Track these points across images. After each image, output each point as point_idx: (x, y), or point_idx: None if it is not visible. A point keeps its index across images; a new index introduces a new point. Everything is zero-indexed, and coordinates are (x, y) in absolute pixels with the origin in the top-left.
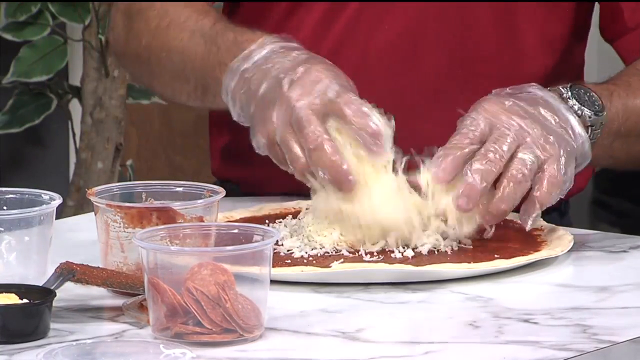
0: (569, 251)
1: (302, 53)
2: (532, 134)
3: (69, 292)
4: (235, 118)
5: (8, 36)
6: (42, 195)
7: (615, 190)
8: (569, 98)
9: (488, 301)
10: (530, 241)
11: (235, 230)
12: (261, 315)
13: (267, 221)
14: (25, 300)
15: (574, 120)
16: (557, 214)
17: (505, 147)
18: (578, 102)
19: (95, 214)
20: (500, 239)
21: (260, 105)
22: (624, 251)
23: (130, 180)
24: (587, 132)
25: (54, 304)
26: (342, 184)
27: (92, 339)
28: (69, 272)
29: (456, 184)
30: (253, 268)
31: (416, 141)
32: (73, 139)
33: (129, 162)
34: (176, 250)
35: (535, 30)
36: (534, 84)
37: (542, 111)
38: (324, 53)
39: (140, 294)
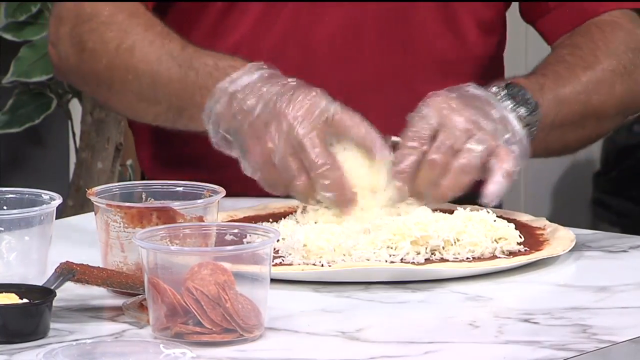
0: (569, 251)
1: (292, 79)
2: (483, 128)
3: (69, 292)
4: (214, 141)
5: (8, 36)
6: (42, 195)
7: (615, 190)
8: (503, 99)
9: (488, 301)
10: (532, 240)
11: (236, 230)
12: (261, 315)
13: (270, 220)
14: (25, 300)
15: (512, 118)
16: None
17: (453, 141)
18: (513, 101)
19: (95, 214)
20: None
21: (255, 125)
22: (624, 251)
23: (130, 180)
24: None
25: (54, 303)
26: (347, 205)
27: (92, 339)
28: (69, 272)
29: None
30: (253, 268)
31: None
32: (73, 138)
33: (129, 162)
34: (176, 250)
35: (473, 16)
36: (470, 83)
37: (485, 108)
38: (265, 51)
39: (140, 294)
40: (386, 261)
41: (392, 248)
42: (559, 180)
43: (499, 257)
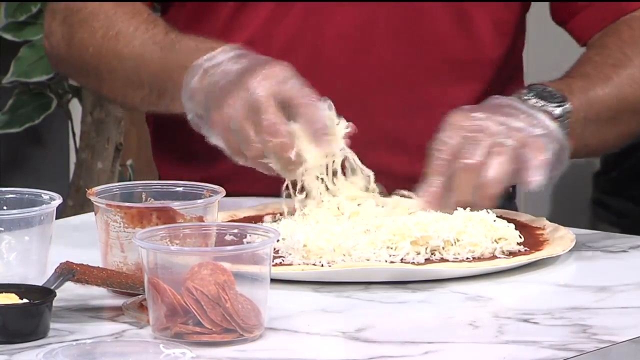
0: (569, 251)
1: (265, 57)
2: (511, 127)
3: (69, 292)
4: (190, 118)
5: (8, 36)
6: (42, 195)
7: (615, 190)
8: (529, 98)
9: (488, 301)
10: (532, 241)
11: (236, 230)
12: (261, 315)
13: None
14: (25, 300)
15: (541, 116)
16: (506, 198)
17: (484, 142)
18: (540, 99)
19: (96, 214)
20: None
21: (218, 93)
22: (624, 251)
23: (130, 180)
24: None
25: (54, 303)
26: (288, 167)
27: (92, 339)
28: (69, 272)
29: None
30: (253, 268)
31: (372, 131)
32: (73, 138)
33: (129, 162)
34: (176, 250)
35: (487, 16)
36: (495, 95)
37: (511, 112)
38: (276, 49)
39: (140, 294)
40: (386, 261)
41: (392, 248)
42: (558, 180)
43: (499, 258)
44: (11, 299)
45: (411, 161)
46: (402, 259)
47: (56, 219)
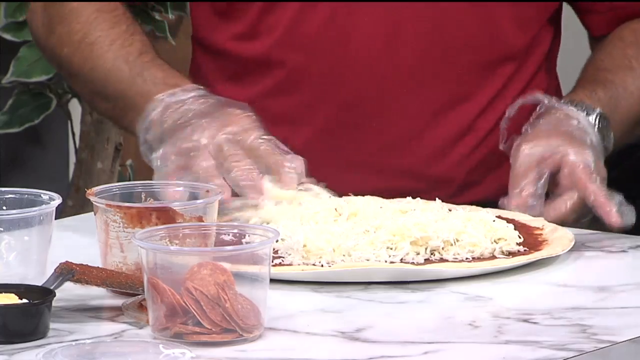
0: (569, 251)
1: (224, 99)
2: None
3: (68, 292)
4: (141, 143)
5: (8, 36)
6: (42, 195)
7: (615, 190)
8: (597, 128)
9: (488, 301)
10: (531, 240)
11: (235, 230)
12: (261, 315)
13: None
14: (24, 300)
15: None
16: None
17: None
18: (600, 132)
19: (95, 214)
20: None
21: (178, 128)
22: (624, 251)
23: (130, 180)
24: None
25: (54, 304)
26: (253, 190)
27: (91, 339)
28: (68, 272)
29: None
30: (252, 268)
31: (396, 132)
32: (73, 138)
33: (128, 162)
34: (176, 250)
35: (510, 12)
36: (539, 94)
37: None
38: (302, 48)
39: (140, 294)
40: (386, 261)
41: (391, 249)
42: None
43: (499, 258)
44: (11, 299)
45: (434, 162)
46: (401, 259)
47: (56, 219)
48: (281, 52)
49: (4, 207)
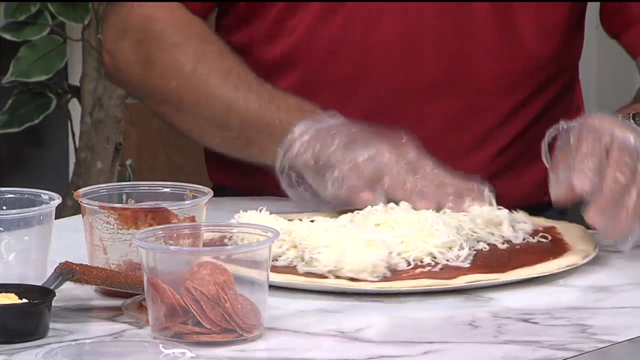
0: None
1: (365, 124)
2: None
3: (68, 292)
4: (279, 170)
5: (7, 36)
6: (42, 195)
7: None
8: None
9: (488, 301)
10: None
11: (235, 230)
12: (260, 315)
13: None
14: (24, 300)
15: None
16: (557, 211)
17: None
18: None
19: (83, 216)
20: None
21: (342, 151)
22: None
23: (130, 180)
24: None
25: (53, 303)
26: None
27: (91, 339)
28: (68, 271)
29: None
30: (252, 268)
31: (416, 135)
32: (72, 138)
33: (128, 162)
34: (175, 250)
35: (532, 21)
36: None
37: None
38: (321, 52)
39: (140, 294)
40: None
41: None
42: None
43: (519, 269)
44: (11, 299)
45: (455, 169)
46: (416, 264)
47: (56, 218)
48: (299, 55)
49: (4, 207)
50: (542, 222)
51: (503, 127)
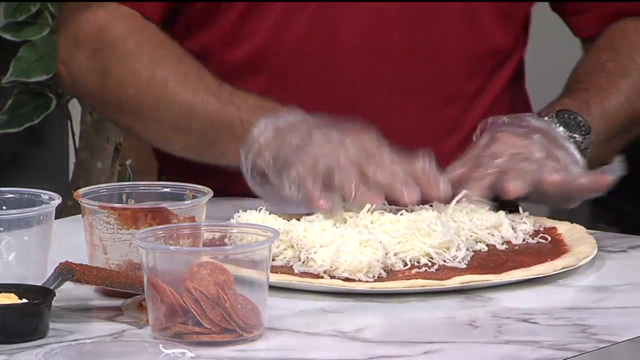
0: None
1: (330, 117)
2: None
3: (68, 292)
4: (245, 170)
5: (7, 36)
6: (42, 195)
7: (614, 190)
8: (558, 126)
9: (488, 301)
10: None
11: (235, 230)
12: (260, 315)
13: None
14: (24, 300)
15: (572, 148)
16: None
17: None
18: (567, 129)
19: (83, 216)
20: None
21: (300, 148)
22: (624, 251)
23: (130, 180)
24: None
25: (53, 303)
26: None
27: (91, 339)
28: (68, 271)
29: None
30: (252, 268)
31: (386, 133)
32: (72, 138)
33: (128, 162)
34: (175, 250)
35: (493, 9)
36: (529, 114)
37: (551, 146)
38: (286, 54)
39: (140, 294)
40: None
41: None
42: None
43: (516, 269)
44: (11, 299)
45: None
46: (413, 265)
47: (56, 218)
48: (264, 57)
49: (4, 207)
50: (544, 222)
51: (468, 113)
